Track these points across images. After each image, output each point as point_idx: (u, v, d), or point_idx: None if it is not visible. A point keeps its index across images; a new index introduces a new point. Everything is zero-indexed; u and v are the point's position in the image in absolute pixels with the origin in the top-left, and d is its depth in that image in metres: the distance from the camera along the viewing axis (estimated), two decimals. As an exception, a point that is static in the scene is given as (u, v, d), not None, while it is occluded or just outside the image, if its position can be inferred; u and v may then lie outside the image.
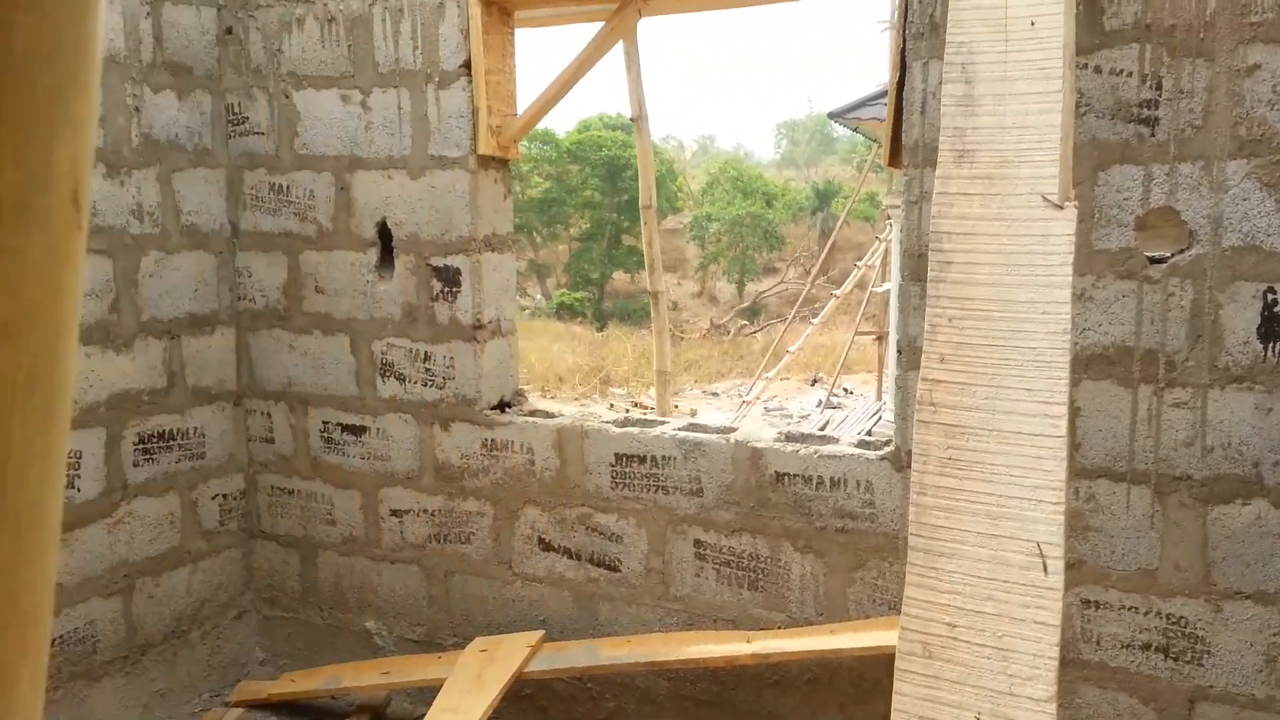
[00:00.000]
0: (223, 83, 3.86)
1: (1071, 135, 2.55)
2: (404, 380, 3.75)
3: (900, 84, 3.09)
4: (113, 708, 3.61)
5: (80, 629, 3.49)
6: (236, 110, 3.87)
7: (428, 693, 3.47)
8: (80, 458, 3.46)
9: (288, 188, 3.83)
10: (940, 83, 2.49)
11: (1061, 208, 2.45)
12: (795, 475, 3.21)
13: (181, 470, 3.84)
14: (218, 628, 4.04)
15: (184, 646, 3.90)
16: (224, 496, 4.02)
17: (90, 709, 3.54)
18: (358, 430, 3.86)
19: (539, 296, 31.90)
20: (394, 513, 3.84)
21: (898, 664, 2.34)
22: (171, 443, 3.79)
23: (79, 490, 3.46)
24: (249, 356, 4.03)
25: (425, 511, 3.78)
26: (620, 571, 3.50)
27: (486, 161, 3.60)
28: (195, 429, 3.88)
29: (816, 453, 3.19)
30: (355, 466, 3.89)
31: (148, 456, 3.70)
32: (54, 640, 3.40)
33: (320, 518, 3.99)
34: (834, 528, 3.19)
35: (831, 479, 3.17)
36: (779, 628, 3.28)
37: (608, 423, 3.49)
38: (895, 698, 2.30)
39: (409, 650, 3.89)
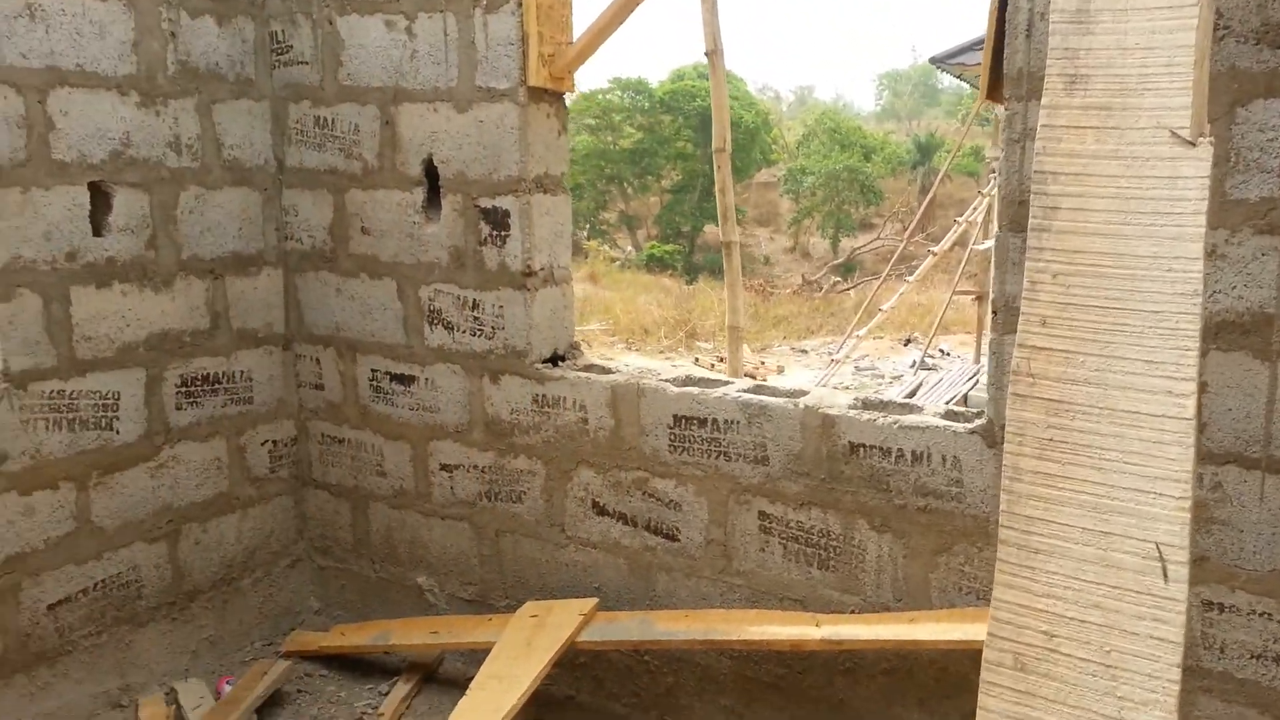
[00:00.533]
0: (265, 8, 3.64)
1: (1207, 59, 2.12)
2: (452, 329, 3.52)
3: (1003, 2, 2.67)
4: (159, 653, 3.54)
5: (123, 573, 3.41)
6: (280, 38, 3.65)
7: (480, 654, 3.29)
8: (118, 398, 3.34)
9: (332, 121, 3.60)
10: (1054, -3, 2.10)
11: (1194, 145, 2.03)
12: (872, 447, 2.87)
13: (228, 414, 3.70)
14: (270, 575, 3.94)
15: (235, 594, 3.80)
16: (274, 443, 3.89)
17: (137, 653, 3.47)
18: (406, 380, 3.66)
19: (629, 248, 31.67)
20: (444, 467, 3.64)
21: (984, 675, 2.01)
22: (216, 386, 3.65)
23: (117, 432, 3.34)
24: (297, 299, 3.85)
25: (475, 468, 3.58)
26: (679, 541, 3.23)
27: (538, 94, 3.30)
28: (241, 372, 3.73)
29: (896, 423, 2.85)
30: (404, 417, 3.70)
31: (191, 399, 3.57)
32: (96, 584, 3.33)
33: (371, 468, 3.83)
34: (915, 506, 2.85)
35: (913, 453, 2.83)
36: (852, 612, 2.98)
37: (665, 381, 3.20)
38: (980, 714, 1.98)
39: (460, 608, 3.72)
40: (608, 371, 3.35)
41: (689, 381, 3.21)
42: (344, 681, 3.66)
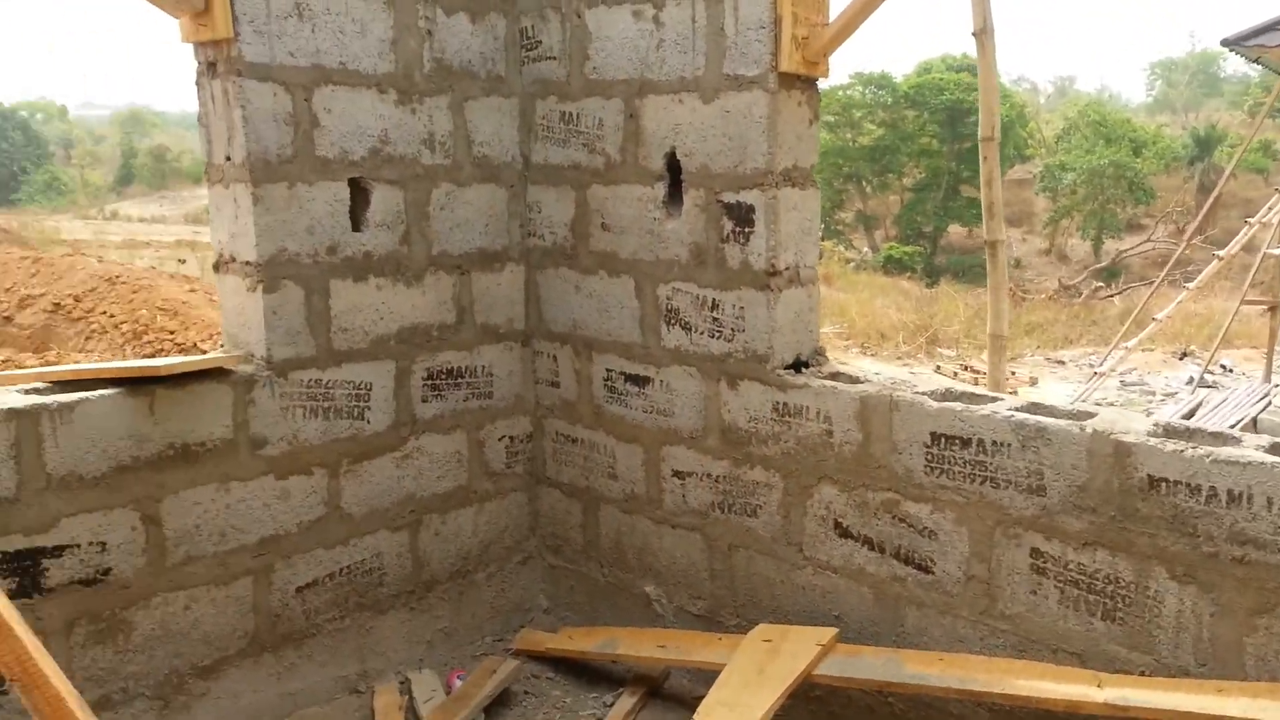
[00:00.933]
0: (517, 4, 3.62)
1: None
2: (689, 329, 3.36)
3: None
4: (397, 641, 3.62)
5: (367, 560, 3.50)
6: (530, 34, 3.62)
7: (707, 674, 3.13)
8: (370, 389, 3.42)
9: (577, 116, 3.54)
10: None
11: None
12: (1177, 482, 2.43)
13: (469, 409, 3.74)
14: (503, 571, 3.96)
15: (469, 587, 3.84)
16: (510, 439, 3.89)
17: (376, 640, 3.56)
18: (641, 381, 3.54)
19: (865, 249, 30.72)
20: (676, 474, 3.50)
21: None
22: (460, 380, 3.69)
23: (369, 422, 3.43)
24: (537, 296, 3.83)
25: (709, 476, 3.40)
26: (933, 574, 2.90)
27: (789, 80, 3.06)
28: (483, 368, 3.76)
29: (1210, 455, 2.39)
30: (637, 419, 3.58)
31: (436, 392, 3.62)
32: (342, 569, 3.43)
33: (602, 470, 3.74)
34: (1230, 556, 2.38)
35: (1230, 492, 2.36)
36: (1142, 674, 2.54)
37: (923, 394, 2.88)
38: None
39: (689, 622, 3.56)
40: (856, 381, 3.07)
41: (950, 396, 2.88)
42: (569, 687, 3.60)
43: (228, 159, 3.12)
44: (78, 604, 2.82)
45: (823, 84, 3.30)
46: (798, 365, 3.23)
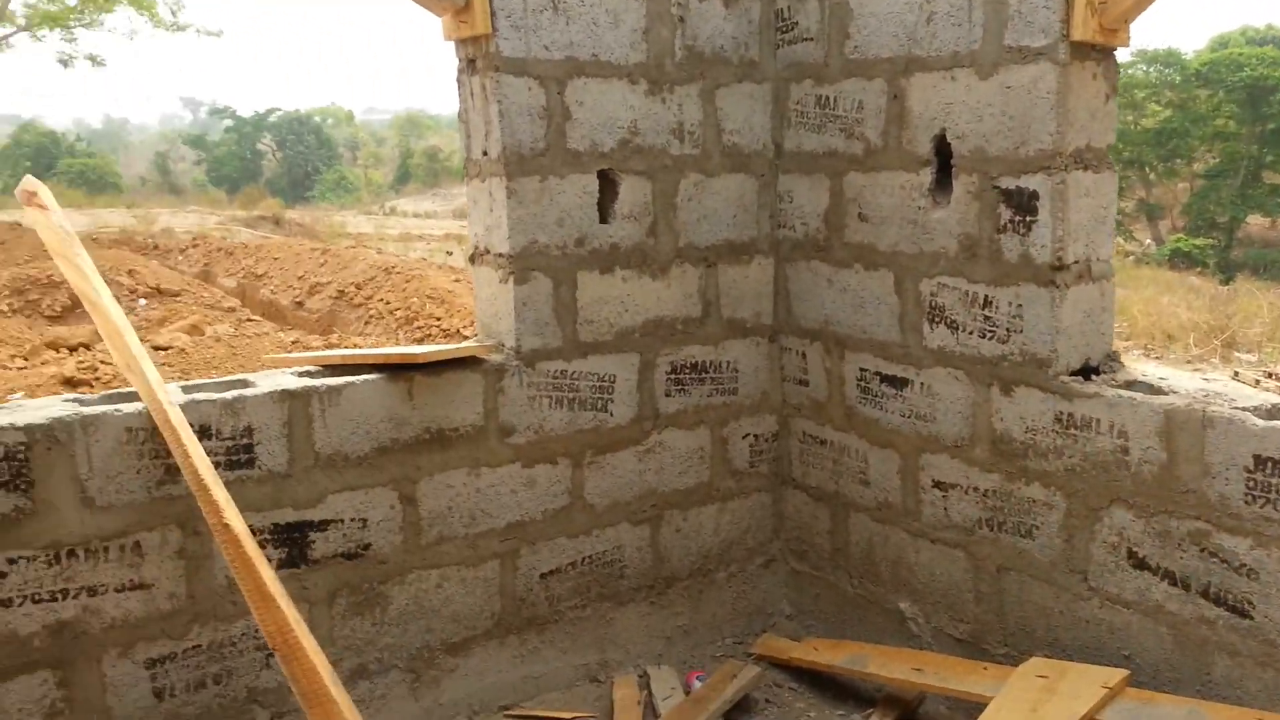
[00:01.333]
0: (773, -15, 3.47)
1: None
2: (956, 329, 3.06)
3: None
4: (637, 634, 3.59)
5: (609, 551, 3.48)
6: (786, 15, 3.44)
7: (968, 706, 2.89)
8: (614, 382, 3.40)
9: (834, 100, 3.32)
10: None
11: None
12: None
13: (713, 404, 3.63)
14: (744, 572, 3.84)
15: (709, 586, 3.75)
16: (755, 437, 3.75)
17: (616, 631, 3.54)
18: (898, 382, 3.28)
19: (1148, 241, 27.99)
20: (936, 484, 3.22)
21: None
22: (704, 375, 3.60)
23: (611, 414, 3.41)
24: (786, 289, 3.66)
25: (975, 489, 3.10)
26: (1251, 619, 2.47)
27: (1082, 50, 2.70)
28: (728, 363, 3.64)
29: None
30: (893, 424, 3.33)
31: (679, 387, 3.54)
32: (584, 559, 3.43)
33: (853, 475, 3.52)
34: None
35: None
36: None
37: (1245, 410, 2.45)
38: None
39: (948, 646, 3.28)
40: (1160, 392, 2.66)
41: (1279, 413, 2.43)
42: (813, 700, 3.42)
43: (484, 154, 3.18)
44: (340, 576, 2.97)
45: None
46: (1086, 371, 2.86)
